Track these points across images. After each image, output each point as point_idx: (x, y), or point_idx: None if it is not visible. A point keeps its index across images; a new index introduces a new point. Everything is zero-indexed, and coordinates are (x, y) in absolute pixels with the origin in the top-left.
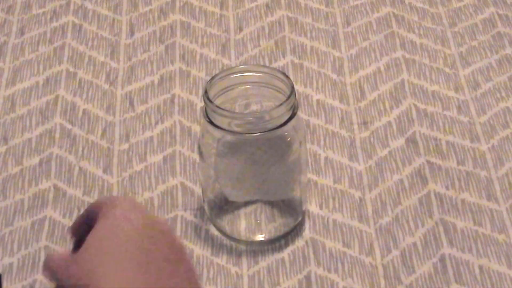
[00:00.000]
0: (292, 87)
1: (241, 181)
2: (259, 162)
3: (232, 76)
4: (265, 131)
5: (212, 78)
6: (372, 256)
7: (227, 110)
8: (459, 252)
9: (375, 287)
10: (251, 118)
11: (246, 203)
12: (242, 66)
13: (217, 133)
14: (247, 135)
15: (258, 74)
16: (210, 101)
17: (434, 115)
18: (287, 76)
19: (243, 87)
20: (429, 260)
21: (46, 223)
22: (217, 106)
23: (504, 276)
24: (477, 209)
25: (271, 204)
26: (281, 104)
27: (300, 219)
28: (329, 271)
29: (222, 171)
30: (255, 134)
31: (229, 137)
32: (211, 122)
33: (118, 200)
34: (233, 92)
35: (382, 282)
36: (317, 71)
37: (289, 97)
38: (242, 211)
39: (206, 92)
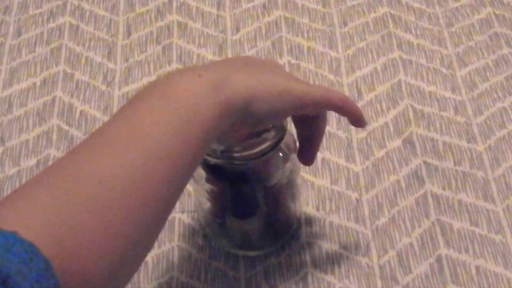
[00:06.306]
0: None
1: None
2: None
3: None
4: (256, 158)
5: None
6: (368, 256)
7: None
8: (455, 252)
9: (372, 287)
10: (239, 148)
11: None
12: None
13: (209, 159)
14: (237, 164)
15: None
16: None
17: (431, 115)
18: None
19: None
20: (425, 261)
21: None
22: None
23: (500, 276)
24: (473, 209)
25: (267, 216)
26: (271, 128)
27: (295, 226)
28: (325, 272)
29: (214, 195)
30: (246, 163)
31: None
32: None
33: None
34: None
35: (379, 282)
36: (314, 72)
37: None
38: (237, 229)
39: None
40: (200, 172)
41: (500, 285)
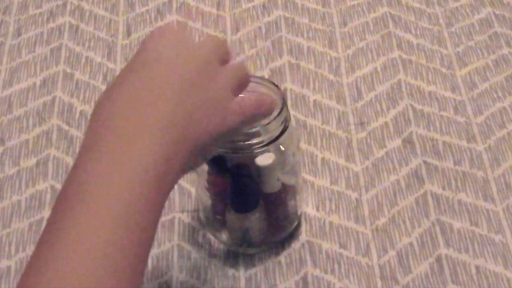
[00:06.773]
0: (284, 100)
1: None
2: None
3: None
4: (258, 148)
5: None
6: (368, 256)
7: None
8: (455, 252)
9: (372, 287)
10: (243, 137)
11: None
12: None
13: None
14: (240, 154)
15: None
16: None
17: (431, 115)
18: (278, 87)
19: None
20: (425, 261)
21: (44, 224)
22: None
23: (500, 276)
24: (473, 209)
25: (267, 213)
26: (274, 119)
27: (295, 224)
28: (325, 272)
29: (215, 187)
30: (248, 153)
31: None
32: None
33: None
34: None
35: (379, 282)
36: (314, 72)
37: (281, 110)
38: (238, 224)
39: None
40: (202, 166)
41: (500, 285)
